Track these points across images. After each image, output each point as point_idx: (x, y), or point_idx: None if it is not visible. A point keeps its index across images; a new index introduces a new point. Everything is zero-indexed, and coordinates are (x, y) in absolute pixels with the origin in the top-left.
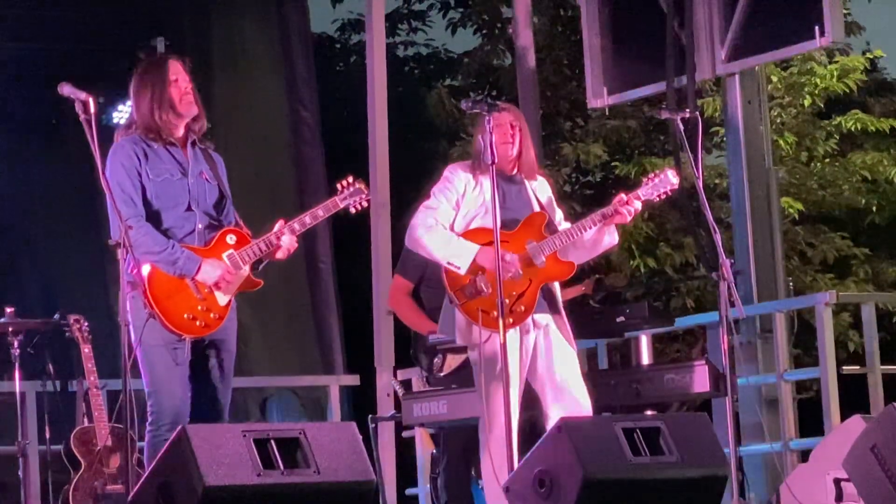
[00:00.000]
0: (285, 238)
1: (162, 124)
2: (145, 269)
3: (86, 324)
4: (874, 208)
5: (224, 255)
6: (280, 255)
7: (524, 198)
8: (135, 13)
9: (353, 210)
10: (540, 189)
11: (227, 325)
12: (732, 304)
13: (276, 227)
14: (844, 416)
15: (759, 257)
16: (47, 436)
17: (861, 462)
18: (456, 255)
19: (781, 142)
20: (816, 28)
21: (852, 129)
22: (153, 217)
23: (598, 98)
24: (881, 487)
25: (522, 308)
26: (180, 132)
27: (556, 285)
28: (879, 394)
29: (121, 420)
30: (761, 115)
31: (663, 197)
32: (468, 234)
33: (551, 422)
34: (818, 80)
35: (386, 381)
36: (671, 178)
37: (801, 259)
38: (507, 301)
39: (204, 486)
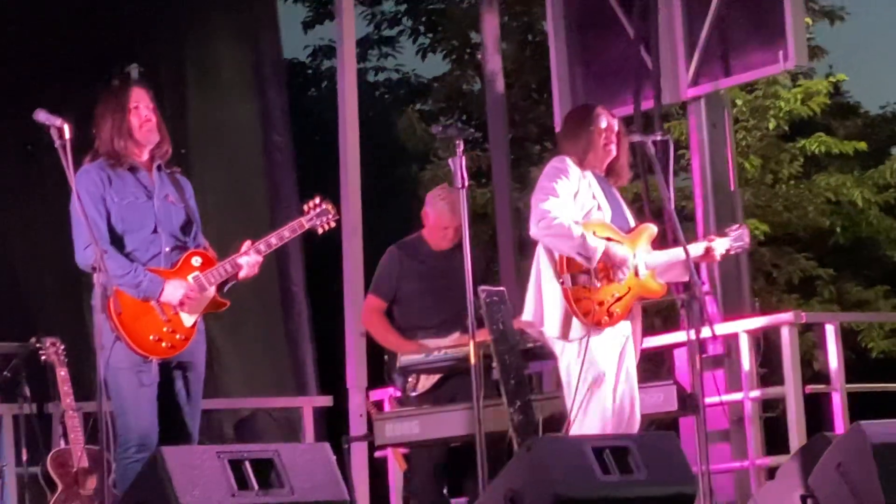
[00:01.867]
0: (249, 258)
1: (121, 151)
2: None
3: (62, 347)
4: (838, 229)
5: (189, 277)
6: (243, 273)
7: (617, 202)
8: (109, 39)
9: (320, 230)
10: (621, 196)
11: (194, 347)
12: (704, 324)
13: (243, 247)
14: (810, 435)
15: (725, 278)
16: (24, 458)
17: (827, 480)
18: (585, 247)
19: (747, 164)
20: (780, 52)
21: (816, 151)
22: (119, 240)
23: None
24: (847, 503)
25: (618, 311)
26: (144, 157)
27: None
28: (844, 412)
29: (97, 442)
30: (726, 138)
31: (737, 252)
32: (588, 226)
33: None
34: (782, 104)
35: (358, 402)
36: (746, 238)
37: (767, 280)
38: (607, 300)
39: None
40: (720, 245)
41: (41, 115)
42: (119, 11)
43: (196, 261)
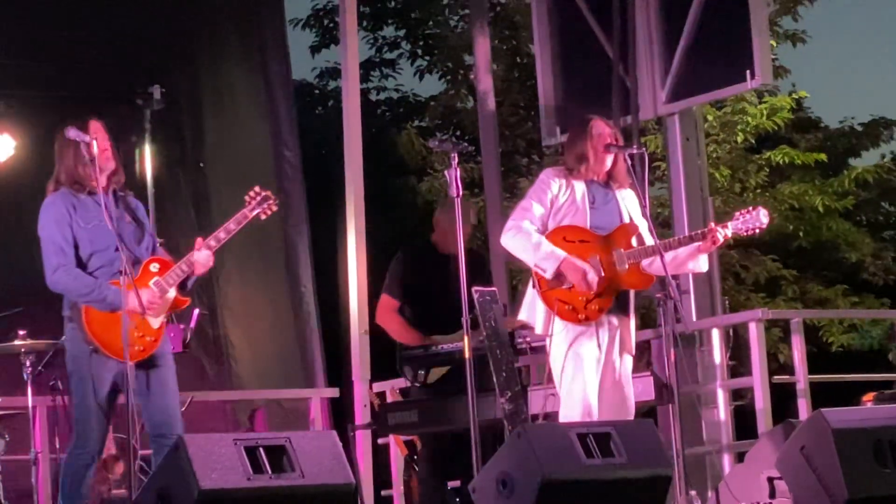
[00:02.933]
0: (201, 255)
1: (84, 176)
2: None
3: None
4: (801, 234)
5: (151, 283)
6: (199, 270)
7: (613, 205)
8: (133, 65)
9: (262, 216)
10: (629, 199)
11: (163, 344)
12: (678, 320)
13: (195, 245)
14: (776, 421)
15: (697, 279)
16: (57, 445)
17: (792, 462)
18: (543, 259)
19: (717, 174)
20: (747, 71)
21: (780, 162)
22: (88, 259)
23: (552, 136)
24: (810, 485)
25: (597, 307)
26: (103, 183)
27: (631, 292)
28: (807, 401)
29: (124, 430)
30: (698, 150)
31: (752, 233)
32: (559, 230)
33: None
34: (749, 119)
35: (363, 394)
36: (762, 218)
37: (736, 280)
38: (582, 298)
39: (199, 489)
40: (722, 231)
41: (72, 132)
42: (142, 41)
43: (154, 267)
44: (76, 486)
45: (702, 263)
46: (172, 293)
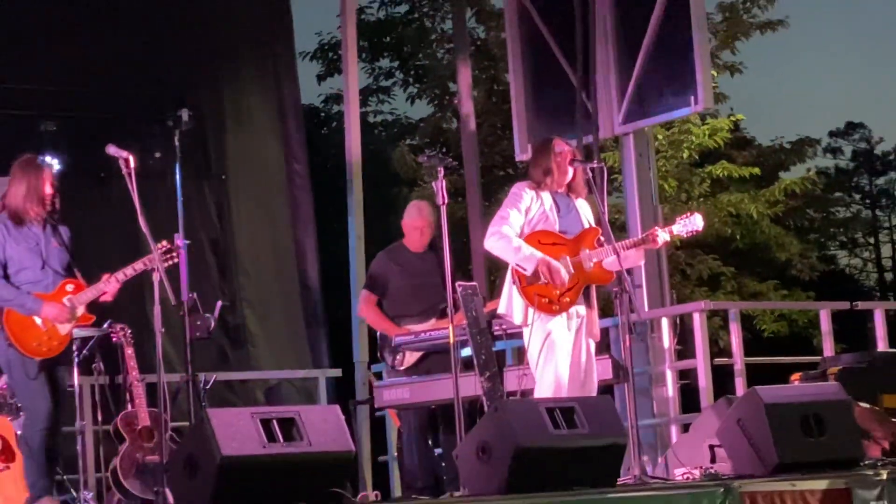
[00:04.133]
0: (108, 286)
1: (28, 209)
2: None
3: (129, 331)
4: (738, 237)
5: (64, 299)
6: (106, 298)
7: (574, 212)
8: (163, 91)
9: (166, 264)
10: (584, 207)
11: (68, 348)
12: (632, 310)
13: (103, 278)
14: (716, 397)
15: (649, 275)
16: (99, 418)
17: (730, 432)
18: (523, 260)
19: (666, 185)
20: (692, 97)
21: (720, 175)
22: (17, 275)
23: (524, 153)
24: (745, 451)
25: (567, 300)
26: (42, 215)
27: (593, 287)
28: (743, 380)
29: (156, 405)
30: (650, 164)
31: (690, 235)
32: (534, 235)
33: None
34: (694, 138)
35: (362, 374)
36: (698, 222)
37: (682, 276)
38: (556, 292)
39: (221, 455)
40: (663, 233)
41: (111, 149)
42: (171, 68)
43: (69, 287)
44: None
45: (642, 257)
46: (81, 310)
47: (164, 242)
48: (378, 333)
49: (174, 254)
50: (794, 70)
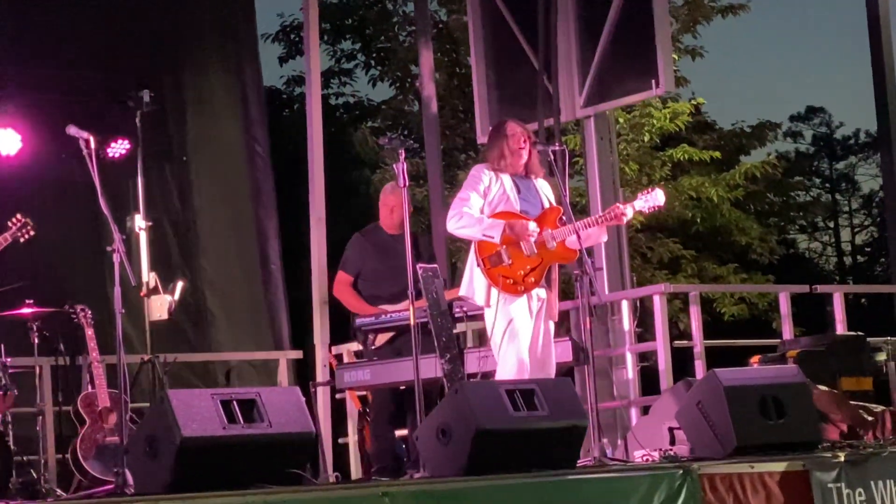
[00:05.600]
0: None
1: None
2: None
3: (89, 312)
4: (699, 220)
5: None
6: None
7: (534, 192)
8: (123, 72)
9: (21, 240)
10: (545, 188)
11: None
12: (593, 293)
13: None
14: (676, 380)
15: (609, 257)
16: (60, 399)
17: (689, 415)
18: (489, 228)
19: (627, 169)
20: (653, 81)
21: (681, 159)
22: None
23: (485, 135)
24: (705, 433)
25: (532, 280)
26: None
27: (556, 267)
28: (703, 362)
29: (116, 386)
30: (611, 148)
31: (653, 210)
32: (497, 215)
33: (529, 373)
34: (655, 121)
35: (323, 355)
36: (659, 198)
37: (643, 259)
38: (521, 273)
39: (181, 436)
40: (627, 209)
41: (72, 129)
42: (134, 50)
43: None
44: None
45: (605, 235)
46: None
47: (19, 216)
48: (352, 314)
49: (29, 227)
50: (756, 54)
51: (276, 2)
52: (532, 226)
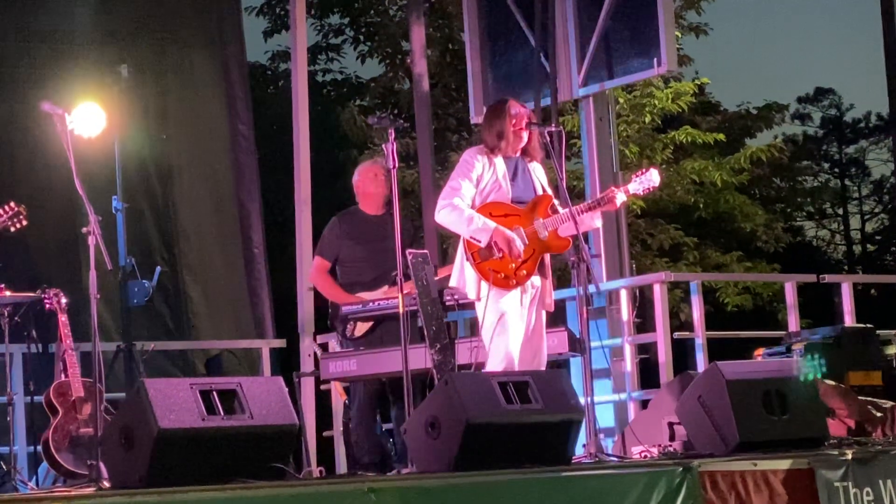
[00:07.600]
0: None
1: None
2: None
3: (63, 298)
4: (701, 205)
5: None
6: None
7: (528, 177)
8: (103, 48)
9: (12, 229)
10: (539, 171)
11: None
12: (590, 282)
13: None
14: (676, 373)
15: (608, 244)
16: (31, 388)
17: (690, 409)
18: (477, 231)
19: (627, 151)
20: (655, 59)
21: (684, 141)
22: None
23: (479, 115)
24: (706, 429)
25: (524, 272)
26: None
27: (548, 257)
28: (704, 354)
29: (91, 375)
30: (610, 129)
31: (648, 192)
32: (486, 207)
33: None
34: (656, 102)
35: (307, 345)
36: (654, 178)
37: (643, 246)
38: (512, 265)
39: (158, 428)
40: (620, 193)
41: (46, 106)
42: (112, 25)
43: None
44: None
45: (600, 220)
46: None
47: (12, 204)
48: (329, 302)
49: (22, 216)
50: (763, 32)
51: None
52: (519, 243)
